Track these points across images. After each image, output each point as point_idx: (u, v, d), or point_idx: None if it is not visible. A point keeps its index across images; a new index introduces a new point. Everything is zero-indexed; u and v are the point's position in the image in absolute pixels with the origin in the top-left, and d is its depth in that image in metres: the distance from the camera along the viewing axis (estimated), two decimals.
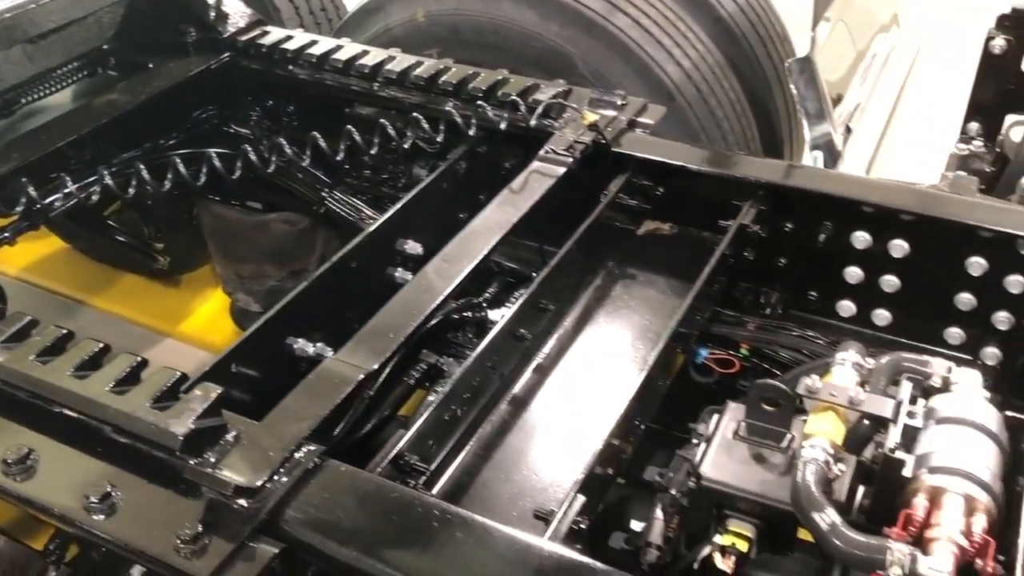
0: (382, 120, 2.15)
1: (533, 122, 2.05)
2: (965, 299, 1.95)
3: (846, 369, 1.59)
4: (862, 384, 1.59)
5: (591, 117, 2.01)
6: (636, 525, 1.68)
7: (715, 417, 1.64)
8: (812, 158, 2.34)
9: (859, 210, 1.96)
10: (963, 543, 1.31)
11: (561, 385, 1.75)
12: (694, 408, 1.69)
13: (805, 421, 1.51)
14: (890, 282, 2.01)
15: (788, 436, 1.54)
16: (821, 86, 2.32)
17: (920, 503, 1.37)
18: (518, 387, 1.73)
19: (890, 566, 1.29)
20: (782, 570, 1.64)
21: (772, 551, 1.54)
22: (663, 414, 1.77)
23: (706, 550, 1.50)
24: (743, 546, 1.47)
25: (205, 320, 3.38)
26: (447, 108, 2.12)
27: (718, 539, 1.49)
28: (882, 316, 2.06)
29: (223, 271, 3.14)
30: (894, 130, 2.73)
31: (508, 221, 1.82)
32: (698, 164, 2.05)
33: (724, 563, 1.46)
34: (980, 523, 1.35)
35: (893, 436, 1.44)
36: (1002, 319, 1.91)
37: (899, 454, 1.43)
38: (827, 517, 1.34)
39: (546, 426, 1.66)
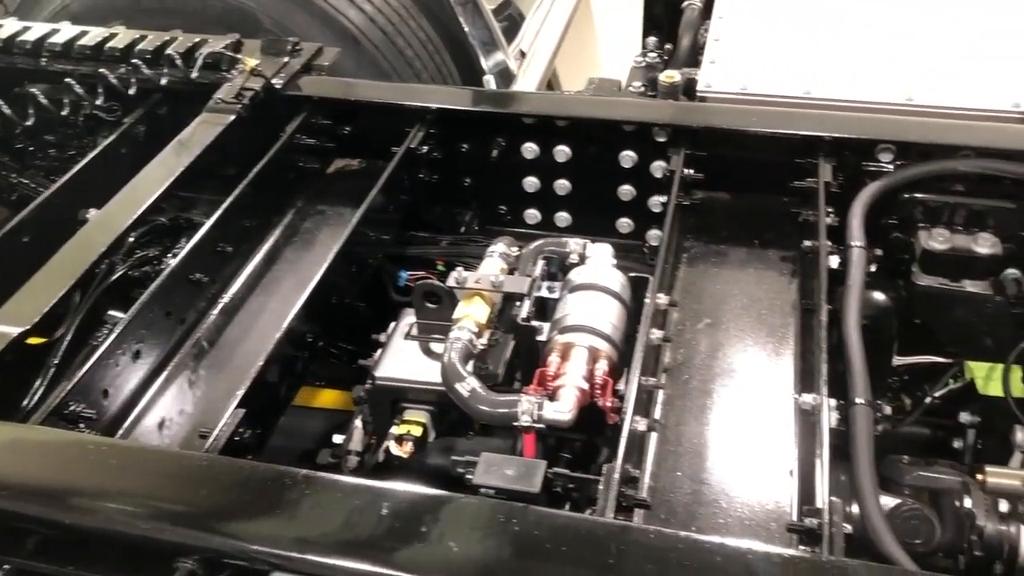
0: (32, 90, 2.11)
1: (195, 74, 2.08)
2: (626, 190, 2.16)
3: (494, 259, 1.75)
4: (511, 271, 1.75)
5: (251, 63, 2.07)
6: (338, 438, 1.78)
7: (392, 324, 1.76)
8: (485, 83, 2.49)
9: (521, 123, 2.12)
10: (584, 386, 1.49)
11: (245, 322, 1.81)
12: None
13: None
14: (563, 186, 2.20)
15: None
16: (487, 15, 2.47)
17: (553, 360, 1.54)
18: (202, 330, 1.78)
19: (522, 416, 1.44)
20: (489, 446, 1.78)
21: (452, 432, 1.67)
22: None
23: (386, 442, 1.62)
24: (418, 431, 1.60)
25: None
26: (100, 72, 2.11)
27: (394, 430, 1.61)
28: (563, 218, 2.25)
29: None
30: (568, 48, 2.95)
31: (172, 172, 1.85)
32: (368, 98, 2.15)
33: (400, 450, 1.58)
34: (602, 368, 1.53)
35: (526, 308, 1.60)
36: (655, 203, 2.13)
37: (534, 323, 1.59)
38: (467, 386, 1.49)
39: (226, 360, 1.72)
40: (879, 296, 1.93)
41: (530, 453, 1.50)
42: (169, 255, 1.97)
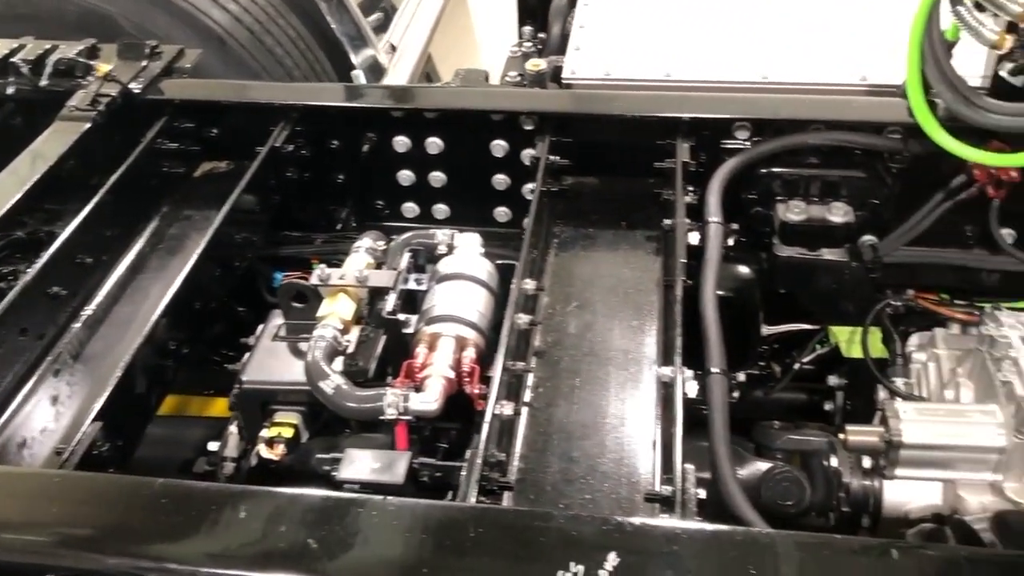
0: None
1: (44, 82, 2.01)
2: (500, 180, 2.18)
3: (360, 255, 1.74)
4: (379, 265, 1.75)
5: (104, 68, 2.01)
6: (213, 445, 1.75)
7: (260, 327, 1.74)
8: (354, 78, 2.48)
9: (390, 117, 2.12)
10: (451, 375, 1.50)
11: (109, 333, 1.76)
12: None
13: None
14: (438, 178, 2.20)
15: None
16: (353, 10, 2.45)
17: (421, 351, 1.55)
18: (63, 344, 1.72)
19: (387, 409, 1.45)
20: (372, 442, 1.77)
21: (328, 431, 1.66)
22: None
23: (257, 446, 1.60)
24: (289, 433, 1.59)
25: None
26: None
27: (264, 433, 1.59)
28: (441, 210, 2.25)
29: None
30: (446, 40, 2.96)
31: (24, 183, 1.79)
32: (232, 98, 2.11)
33: (271, 453, 1.57)
34: (470, 356, 1.55)
35: (391, 301, 1.60)
36: (528, 191, 2.15)
37: (401, 316, 1.60)
38: (331, 383, 1.48)
39: (89, 374, 1.68)
40: (742, 269, 1.99)
41: (402, 445, 1.51)
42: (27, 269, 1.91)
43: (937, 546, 1.13)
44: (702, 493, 1.31)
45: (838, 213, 1.95)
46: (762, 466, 1.86)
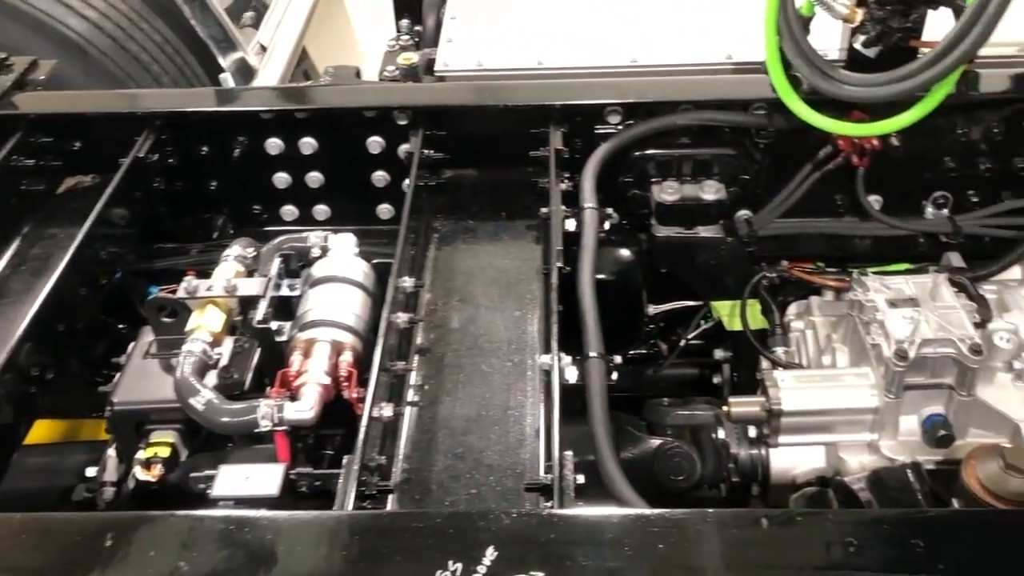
0: None
1: None
2: (379, 176, 2.14)
3: (229, 263, 1.70)
4: (251, 273, 1.70)
5: None
6: (91, 471, 1.68)
7: (131, 345, 1.68)
8: (222, 81, 2.41)
9: (259, 119, 2.06)
10: (327, 381, 1.48)
11: None
12: None
13: None
14: (315, 178, 2.16)
15: None
16: (217, 11, 2.39)
17: (296, 359, 1.52)
18: None
19: (261, 421, 1.41)
20: (261, 454, 1.72)
21: (209, 447, 1.62)
22: None
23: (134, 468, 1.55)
24: (165, 452, 1.53)
25: None
26: None
27: (140, 454, 1.53)
28: (322, 211, 2.21)
29: None
30: (324, 38, 2.91)
31: None
32: (91, 109, 2.03)
33: (148, 474, 1.51)
34: (347, 360, 1.52)
35: (262, 309, 1.56)
36: (408, 186, 2.13)
37: (274, 324, 1.56)
38: (201, 399, 1.44)
39: None
40: (623, 252, 2.02)
41: (283, 455, 1.48)
42: None
43: (804, 512, 1.16)
44: (581, 478, 1.31)
45: (710, 191, 1.99)
46: (654, 443, 1.90)
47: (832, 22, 1.88)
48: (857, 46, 1.90)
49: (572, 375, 1.49)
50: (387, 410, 1.41)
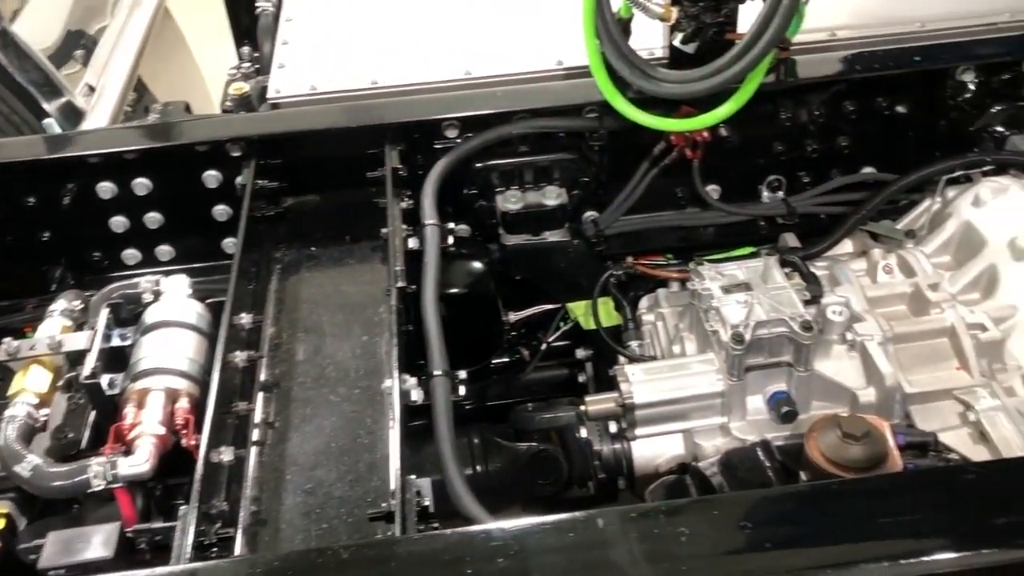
0: None
1: None
2: (221, 211, 2.09)
3: (54, 319, 1.63)
4: (81, 326, 1.64)
5: None
6: None
7: None
8: (46, 127, 2.32)
9: (87, 164, 1.99)
10: (162, 432, 1.43)
11: None
12: None
13: None
14: (154, 219, 2.09)
15: None
16: (36, 56, 2.29)
17: (130, 411, 1.47)
18: None
19: (94, 481, 1.36)
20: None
21: (52, 511, 1.54)
22: None
23: None
24: (1, 523, 1.46)
25: None
26: None
27: None
28: (165, 251, 2.14)
29: None
30: (164, 73, 2.84)
31: None
32: None
33: None
34: (183, 407, 1.48)
35: (89, 364, 1.51)
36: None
37: (105, 377, 1.50)
38: (27, 465, 1.38)
39: None
40: (474, 264, 2.03)
41: (127, 512, 1.42)
42: None
43: (639, 507, 1.18)
44: (428, 501, 1.31)
45: (551, 196, 2.02)
46: (521, 450, 1.91)
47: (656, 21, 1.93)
48: (676, 44, 1.97)
49: (417, 395, 1.49)
50: (227, 454, 1.37)
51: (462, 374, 1.55)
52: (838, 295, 1.81)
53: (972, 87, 2.07)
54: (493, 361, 2.12)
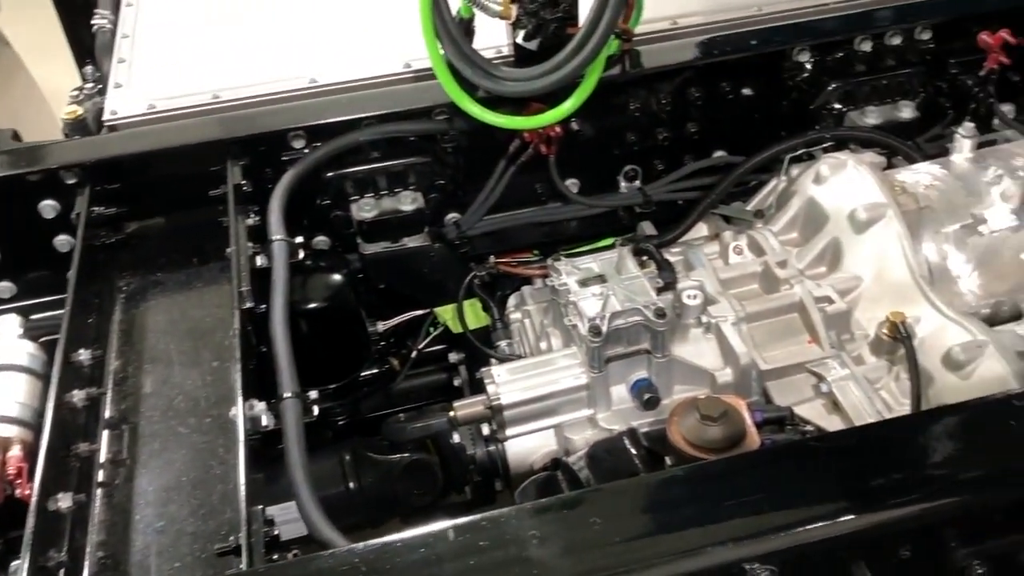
0: None
1: None
2: (63, 241, 1.97)
3: None
4: None
5: None
6: None
7: None
8: None
9: None
10: None
11: None
12: None
13: None
14: None
15: None
16: None
17: None
18: None
19: None
20: None
21: None
22: None
23: None
24: None
25: None
26: None
27: None
28: (5, 288, 2.01)
29: None
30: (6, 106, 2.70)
31: None
32: None
33: None
34: (14, 455, 1.40)
35: None
36: None
37: None
38: None
39: None
40: (333, 276, 1.98)
41: None
42: None
43: (490, 515, 1.17)
44: (277, 530, 1.27)
45: (407, 201, 2.00)
46: (392, 463, 1.89)
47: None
48: (519, 41, 1.96)
49: (268, 420, 1.44)
50: (65, 500, 1.30)
51: (313, 394, 1.51)
52: (692, 279, 1.85)
53: (809, 67, 2.14)
54: (364, 373, 2.08)
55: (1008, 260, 1.84)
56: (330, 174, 1.99)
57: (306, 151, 1.96)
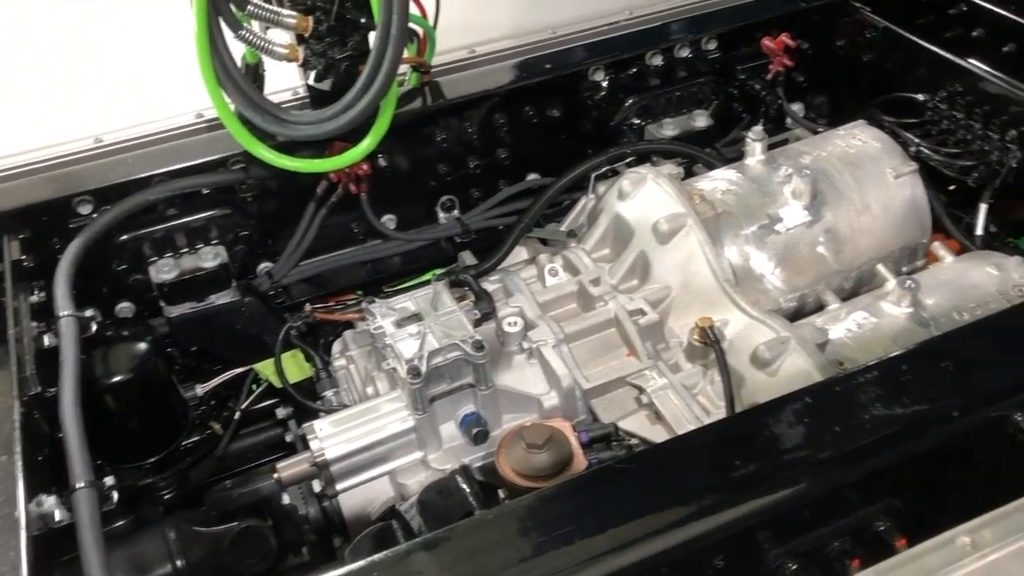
0: None
1: None
2: None
3: None
4: None
5: None
6: None
7: None
8: None
9: None
10: None
11: None
12: None
13: None
14: None
15: None
16: None
17: None
18: None
19: None
20: None
21: None
22: None
23: None
24: None
25: None
26: None
27: None
28: None
29: None
30: None
31: None
32: None
33: None
34: None
35: None
36: None
37: None
38: None
39: None
40: (137, 345, 1.86)
41: None
42: None
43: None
44: None
45: (208, 257, 1.91)
46: (218, 534, 1.78)
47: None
48: (311, 83, 1.91)
49: (62, 515, 1.33)
50: None
51: (109, 480, 1.41)
52: (511, 306, 1.84)
53: (605, 85, 2.18)
54: (185, 442, 1.96)
55: (806, 254, 1.92)
56: (124, 237, 1.88)
57: (95, 216, 1.84)
